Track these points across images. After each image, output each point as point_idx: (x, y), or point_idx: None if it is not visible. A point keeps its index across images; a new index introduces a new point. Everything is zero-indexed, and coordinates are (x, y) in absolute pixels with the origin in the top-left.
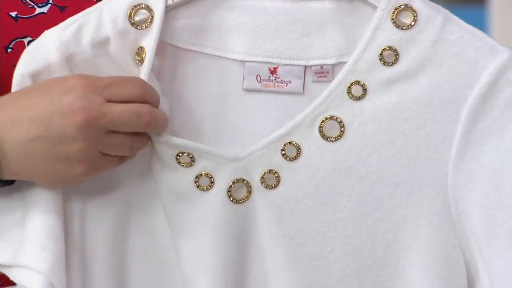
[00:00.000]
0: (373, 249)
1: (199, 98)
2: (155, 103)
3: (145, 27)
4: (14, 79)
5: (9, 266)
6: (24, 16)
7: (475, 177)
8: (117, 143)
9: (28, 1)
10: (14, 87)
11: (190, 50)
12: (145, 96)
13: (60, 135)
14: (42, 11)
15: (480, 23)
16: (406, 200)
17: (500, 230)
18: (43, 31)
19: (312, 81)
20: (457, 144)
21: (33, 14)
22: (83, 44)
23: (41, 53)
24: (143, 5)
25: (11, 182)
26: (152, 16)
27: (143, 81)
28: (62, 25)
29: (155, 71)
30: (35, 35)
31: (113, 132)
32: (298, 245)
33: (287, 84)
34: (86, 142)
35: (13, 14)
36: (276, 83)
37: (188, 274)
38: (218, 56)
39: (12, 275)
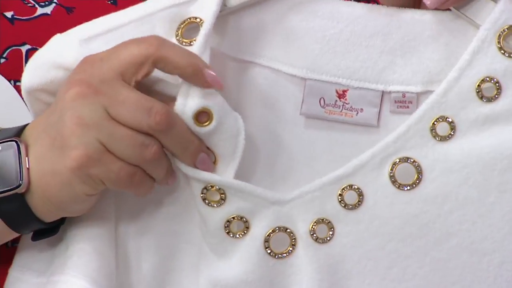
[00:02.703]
0: None
1: (248, 119)
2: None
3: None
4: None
5: None
6: (22, 18)
7: None
8: (123, 136)
9: None
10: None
11: (242, 60)
12: (156, 51)
13: (57, 117)
14: (44, 11)
15: None
16: (494, 273)
17: None
18: (46, 37)
19: (390, 111)
20: None
21: (33, 16)
22: None
23: (55, 66)
24: (194, 18)
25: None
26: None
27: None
28: (81, 33)
29: None
30: (36, 42)
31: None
32: None
33: (357, 113)
34: (81, 120)
35: (9, 14)
36: (344, 110)
37: None
38: (274, 69)
39: None
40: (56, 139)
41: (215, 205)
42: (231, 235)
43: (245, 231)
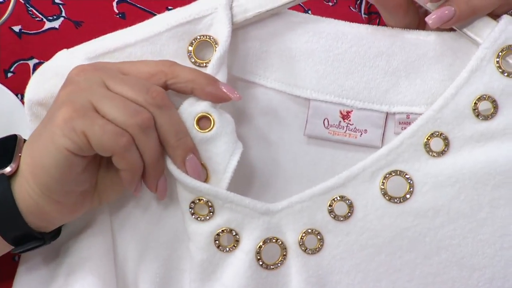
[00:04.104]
0: None
1: (252, 139)
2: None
3: (205, 65)
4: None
5: None
6: (30, 32)
7: None
8: (115, 99)
9: (36, 13)
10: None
11: (246, 81)
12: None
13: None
14: (52, 26)
15: None
16: None
17: None
18: (54, 51)
19: (394, 132)
20: None
21: (41, 30)
22: None
23: (60, 81)
24: (206, 36)
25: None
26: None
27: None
28: (88, 50)
29: None
30: (43, 56)
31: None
32: None
33: (361, 134)
34: (76, 86)
35: (16, 28)
36: (347, 131)
37: None
38: (278, 90)
39: None
40: (49, 112)
41: (203, 218)
42: (222, 249)
43: (235, 245)
